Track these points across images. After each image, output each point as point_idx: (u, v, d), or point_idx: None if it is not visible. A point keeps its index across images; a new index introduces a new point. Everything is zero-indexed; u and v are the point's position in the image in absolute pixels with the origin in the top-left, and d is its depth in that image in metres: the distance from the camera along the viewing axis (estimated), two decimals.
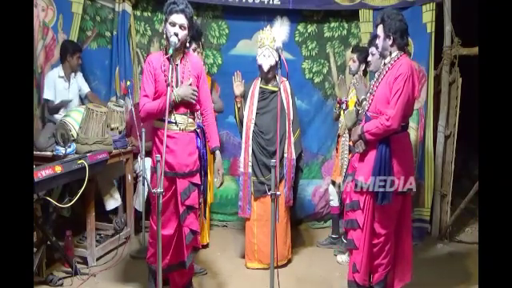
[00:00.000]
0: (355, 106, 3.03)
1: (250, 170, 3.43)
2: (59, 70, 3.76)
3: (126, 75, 4.19)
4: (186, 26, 2.51)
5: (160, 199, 2.19)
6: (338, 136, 3.88)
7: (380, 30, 2.59)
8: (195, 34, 3.22)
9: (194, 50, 3.27)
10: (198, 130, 2.74)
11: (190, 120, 2.65)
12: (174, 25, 2.49)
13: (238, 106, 3.48)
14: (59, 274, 3.14)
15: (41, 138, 3.37)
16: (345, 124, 3.38)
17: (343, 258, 3.57)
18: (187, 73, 2.59)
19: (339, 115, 3.82)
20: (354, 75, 3.43)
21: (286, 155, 3.41)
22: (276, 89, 3.31)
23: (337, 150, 4.05)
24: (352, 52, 3.80)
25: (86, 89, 4.01)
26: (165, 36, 2.58)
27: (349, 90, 3.58)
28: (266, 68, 3.34)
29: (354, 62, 3.64)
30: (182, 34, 2.50)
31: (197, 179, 2.69)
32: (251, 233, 3.48)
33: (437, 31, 4.04)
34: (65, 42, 3.85)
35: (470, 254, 3.78)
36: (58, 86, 3.84)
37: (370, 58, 3.26)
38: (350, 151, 3.39)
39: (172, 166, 2.59)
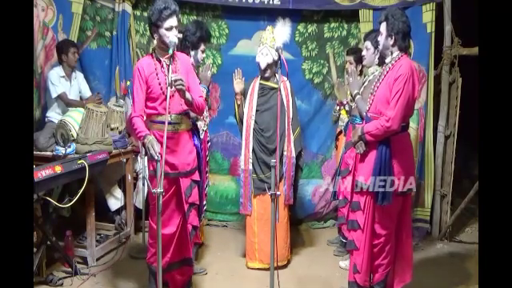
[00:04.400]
0: (349, 101, 3.03)
1: (251, 166, 3.43)
2: (59, 70, 3.75)
3: (125, 75, 4.18)
4: (178, 25, 2.52)
5: (160, 199, 2.19)
6: (339, 133, 3.88)
7: (383, 28, 2.58)
8: (204, 35, 3.22)
9: (203, 51, 3.27)
10: (194, 128, 2.77)
11: (185, 119, 2.66)
12: (171, 29, 2.49)
13: (238, 103, 3.49)
14: (59, 274, 3.14)
15: (41, 137, 3.37)
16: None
17: (346, 263, 3.53)
18: (178, 71, 2.60)
19: (339, 117, 3.83)
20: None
21: (285, 153, 3.42)
22: (276, 85, 3.31)
23: (336, 147, 4.05)
24: (347, 55, 3.81)
25: (87, 92, 3.95)
26: (155, 41, 2.57)
27: (347, 92, 3.59)
28: (263, 66, 3.35)
29: (350, 63, 3.66)
30: (178, 33, 2.53)
31: (196, 176, 2.73)
32: (252, 232, 3.47)
33: (437, 31, 4.04)
34: (58, 42, 3.83)
35: (470, 254, 3.78)
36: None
37: (364, 53, 3.24)
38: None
39: (175, 166, 2.61)
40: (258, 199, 3.45)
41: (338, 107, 3.82)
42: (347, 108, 3.49)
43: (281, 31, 3.33)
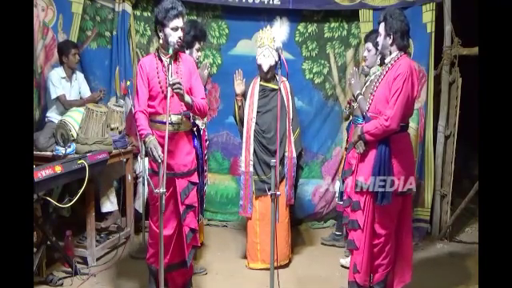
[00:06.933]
0: (351, 101, 3.01)
1: (252, 168, 3.42)
2: (60, 71, 3.74)
3: (125, 75, 4.18)
4: (183, 27, 2.54)
5: (162, 199, 2.20)
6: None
7: (381, 28, 2.60)
8: (199, 34, 3.21)
9: (198, 50, 3.27)
10: (195, 129, 2.76)
11: (185, 120, 2.65)
12: (176, 29, 2.50)
13: (239, 104, 3.48)
14: (59, 274, 3.14)
15: (41, 137, 3.37)
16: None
17: (347, 260, 3.51)
18: (180, 73, 2.60)
19: (349, 115, 3.80)
20: (365, 75, 3.38)
21: (286, 154, 3.42)
22: (276, 86, 3.31)
23: (346, 149, 4.03)
24: (366, 42, 3.73)
25: (87, 93, 3.92)
26: (161, 40, 2.57)
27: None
28: (265, 68, 3.34)
29: (365, 61, 3.61)
30: (183, 35, 2.54)
31: (195, 178, 2.72)
32: (253, 232, 3.47)
33: (437, 31, 4.04)
34: (59, 43, 3.83)
35: (470, 254, 3.78)
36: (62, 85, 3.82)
37: (365, 54, 3.24)
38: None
39: (171, 166, 2.60)
40: (259, 200, 3.44)
41: (348, 105, 3.77)
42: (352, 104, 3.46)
43: (280, 31, 3.32)
